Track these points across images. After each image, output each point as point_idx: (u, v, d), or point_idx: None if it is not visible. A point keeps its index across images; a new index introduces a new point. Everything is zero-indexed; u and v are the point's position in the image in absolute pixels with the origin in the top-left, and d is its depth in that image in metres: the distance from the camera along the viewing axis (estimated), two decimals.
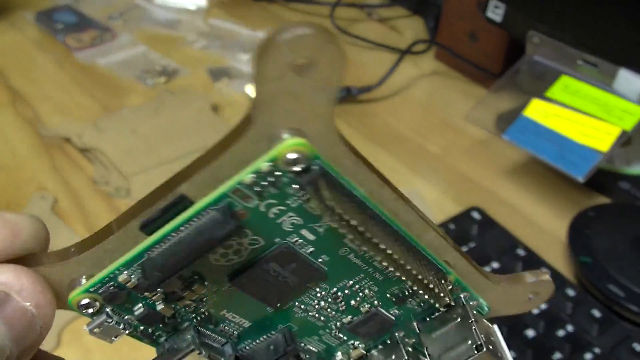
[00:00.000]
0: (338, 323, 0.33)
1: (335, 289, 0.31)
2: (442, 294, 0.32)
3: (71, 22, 1.14)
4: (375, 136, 0.93)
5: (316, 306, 0.32)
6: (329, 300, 0.32)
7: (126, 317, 0.30)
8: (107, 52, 1.08)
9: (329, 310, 0.32)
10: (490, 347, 0.31)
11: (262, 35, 1.16)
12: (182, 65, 1.06)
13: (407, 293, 0.32)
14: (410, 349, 0.34)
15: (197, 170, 0.25)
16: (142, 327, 0.30)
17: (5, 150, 0.86)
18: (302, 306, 0.32)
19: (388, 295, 0.32)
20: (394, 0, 1.27)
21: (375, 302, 0.32)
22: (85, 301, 0.28)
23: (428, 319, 0.33)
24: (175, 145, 0.87)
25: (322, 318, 0.33)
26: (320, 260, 0.29)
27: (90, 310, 0.28)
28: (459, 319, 0.33)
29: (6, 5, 1.18)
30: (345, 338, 0.34)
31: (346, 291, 0.31)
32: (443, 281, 0.32)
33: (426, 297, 0.32)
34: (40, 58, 1.07)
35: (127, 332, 0.30)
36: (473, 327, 0.32)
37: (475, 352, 0.31)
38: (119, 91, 1.00)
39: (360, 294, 0.32)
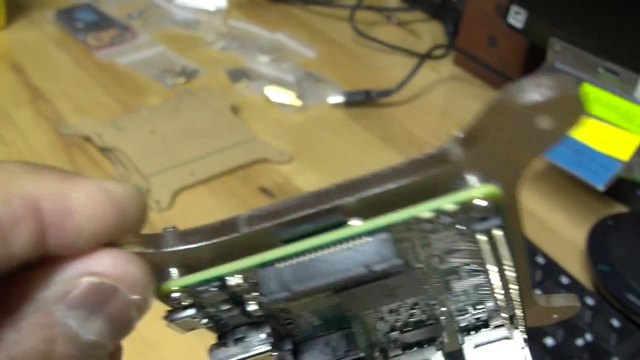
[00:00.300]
0: (398, 330, 0.32)
1: (418, 304, 0.30)
2: (516, 319, 0.31)
3: (91, 20, 1.14)
4: (393, 140, 0.93)
5: (389, 315, 0.31)
6: (405, 312, 0.31)
7: (211, 311, 0.27)
8: (126, 52, 1.08)
9: (399, 319, 0.31)
10: None
11: (280, 37, 1.16)
12: (201, 65, 1.06)
13: (474, 311, 0.32)
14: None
15: (364, 188, 0.23)
16: (221, 321, 0.28)
17: (24, 148, 0.87)
18: (378, 314, 0.31)
19: (457, 312, 0.31)
20: (413, 4, 1.27)
21: (443, 317, 0.32)
22: (177, 295, 0.26)
23: (473, 332, 0.33)
24: (194, 145, 0.87)
25: (388, 325, 0.32)
26: (427, 283, 0.28)
27: (178, 304, 0.26)
28: (504, 339, 0.32)
29: (27, 4, 1.19)
30: (392, 339, 0.33)
31: (426, 307, 0.30)
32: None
33: (501, 317, 0.31)
34: (60, 56, 1.07)
35: (207, 327, 0.28)
36: (524, 356, 0.32)
37: None
38: (138, 91, 1.00)
39: (437, 310, 0.31)
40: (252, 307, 0.27)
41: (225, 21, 1.20)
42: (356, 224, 0.24)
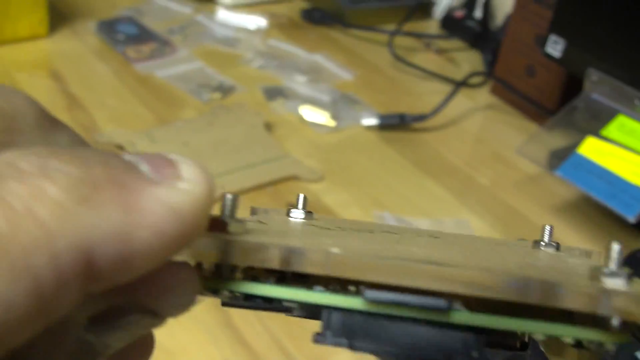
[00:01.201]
0: None
1: None
2: None
3: (132, 33, 1.15)
4: (425, 165, 0.93)
5: None
6: None
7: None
8: (165, 65, 1.09)
9: None
10: None
11: (319, 58, 1.16)
12: (238, 82, 1.07)
13: None
14: None
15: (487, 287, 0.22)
16: None
17: None
18: None
19: None
20: (452, 32, 1.27)
21: None
22: (225, 293, 0.23)
23: None
24: (226, 159, 0.87)
25: None
26: None
27: (216, 294, 0.24)
28: None
29: (70, 14, 1.20)
30: None
31: None
32: None
33: None
34: (99, 67, 1.08)
35: None
36: None
37: None
38: (174, 104, 1.01)
39: None
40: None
41: (264, 41, 1.21)
42: (459, 311, 0.22)
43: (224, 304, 0.25)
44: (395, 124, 0.99)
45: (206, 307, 0.68)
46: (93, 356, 0.21)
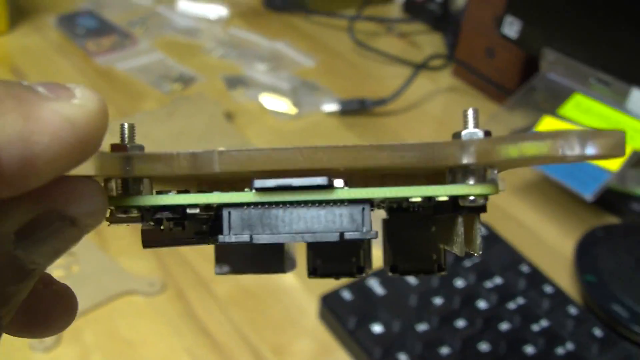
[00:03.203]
0: None
1: None
2: None
3: (92, 26, 1.15)
4: None
5: None
6: None
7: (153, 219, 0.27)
8: (126, 58, 1.09)
9: None
10: None
11: (280, 46, 1.16)
12: (199, 72, 1.06)
13: None
14: None
15: (357, 157, 0.24)
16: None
17: None
18: None
19: None
20: (414, 15, 1.27)
21: None
22: (132, 211, 0.25)
23: None
24: (187, 150, 0.87)
25: None
26: None
27: (125, 214, 0.25)
28: None
29: (30, 9, 1.20)
30: None
31: None
32: None
33: None
34: (60, 61, 1.08)
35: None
36: None
37: None
38: (135, 96, 1.00)
39: None
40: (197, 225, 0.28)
41: (226, 30, 1.20)
42: (341, 188, 0.24)
43: (144, 241, 0.28)
44: (356, 109, 0.99)
45: (168, 298, 0.69)
46: (24, 274, 0.23)
